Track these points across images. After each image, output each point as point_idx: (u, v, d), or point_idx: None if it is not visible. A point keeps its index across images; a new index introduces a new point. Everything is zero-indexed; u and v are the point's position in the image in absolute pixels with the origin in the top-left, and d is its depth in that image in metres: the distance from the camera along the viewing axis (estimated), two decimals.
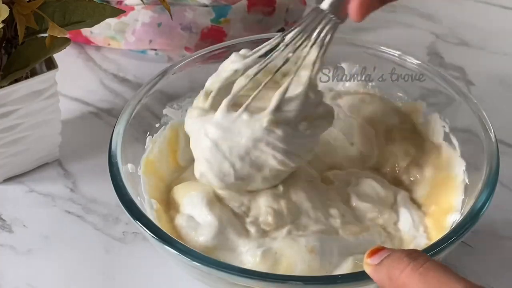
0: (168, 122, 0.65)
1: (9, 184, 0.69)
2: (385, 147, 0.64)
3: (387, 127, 0.65)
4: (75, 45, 0.84)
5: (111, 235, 0.65)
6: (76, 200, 0.68)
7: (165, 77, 0.65)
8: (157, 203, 0.59)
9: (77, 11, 0.62)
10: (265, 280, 0.49)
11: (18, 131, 0.66)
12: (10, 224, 0.66)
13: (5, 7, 0.55)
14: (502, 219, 0.66)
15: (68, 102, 0.77)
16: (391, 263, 0.45)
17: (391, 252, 0.46)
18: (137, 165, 0.60)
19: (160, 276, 0.62)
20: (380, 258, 0.46)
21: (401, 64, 0.66)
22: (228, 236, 0.56)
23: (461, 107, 0.62)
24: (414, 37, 0.87)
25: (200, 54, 0.67)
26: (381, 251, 0.47)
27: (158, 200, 0.59)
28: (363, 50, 0.67)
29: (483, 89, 0.80)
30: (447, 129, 0.64)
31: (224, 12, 0.80)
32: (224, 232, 0.56)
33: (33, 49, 0.62)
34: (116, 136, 0.59)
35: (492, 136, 0.58)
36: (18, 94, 0.63)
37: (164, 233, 0.52)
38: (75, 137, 0.73)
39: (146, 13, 0.79)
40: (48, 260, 0.63)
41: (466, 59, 0.84)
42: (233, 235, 0.56)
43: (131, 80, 0.81)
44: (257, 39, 0.69)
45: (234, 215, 0.57)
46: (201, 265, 0.50)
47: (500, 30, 0.89)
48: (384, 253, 0.47)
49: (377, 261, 0.46)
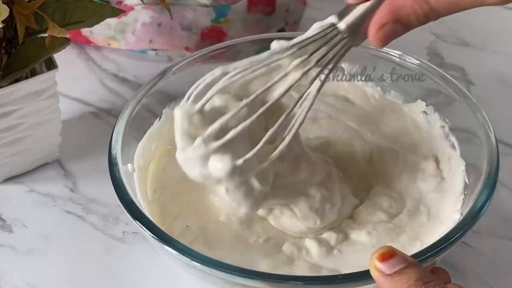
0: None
1: (9, 184, 0.69)
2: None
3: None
4: (75, 45, 0.84)
5: (111, 235, 0.65)
6: (76, 200, 0.68)
7: (165, 77, 0.65)
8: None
9: (77, 11, 0.62)
10: (265, 280, 0.49)
11: (18, 131, 0.66)
12: (10, 224, 0.66)
13: (5, 7, 0.55)
14: (502, 219, 0.66)
15: (68, 102, 0.77)
16: (402, 282, 0.45)
17: (406, 266, 0.45)
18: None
19: (160, 276, 0.62)
20: (393, 269, 0.45)
21: (401, 64, 0.66)
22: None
23: (461, 107, 0.62)
24: (414, 37, 0.86)
25: (200, 54, 0.67)
26: (394, 257, 0.46)
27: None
28: (363, 50, 0.67)
29: (483, 89, 0.80)
30: (447, 129, 0.64)
31: (224, 12, 0.80)
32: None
33: (33, 49, 0.62)
34: (116, 136, 0.59)
35: (492, 136, 0.58)
36: (18, 94, 0.63)
37: (164, 233, 0.52)
38: (75, 137, 0.73)
39: (146, 13, 0.79)
40: (48, 260, 0.63)
41: (466, 59, 0.84)
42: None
43: (131, 80, 0.81)
44: (257, 39, 0.69)
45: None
46: (201, 265, 0.50)
47: (500, 30, 0.89)
48: (398, 264, 0.45)
49: (388, 271, 0.45)
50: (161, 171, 0.63)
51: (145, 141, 0.62)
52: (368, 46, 0.67)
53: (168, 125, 0.65)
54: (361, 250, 0.57)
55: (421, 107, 0.66)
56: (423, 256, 0.50)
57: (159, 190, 0.61)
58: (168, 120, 0.65)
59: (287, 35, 0.75)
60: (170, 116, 0.65)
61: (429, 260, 0.50)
